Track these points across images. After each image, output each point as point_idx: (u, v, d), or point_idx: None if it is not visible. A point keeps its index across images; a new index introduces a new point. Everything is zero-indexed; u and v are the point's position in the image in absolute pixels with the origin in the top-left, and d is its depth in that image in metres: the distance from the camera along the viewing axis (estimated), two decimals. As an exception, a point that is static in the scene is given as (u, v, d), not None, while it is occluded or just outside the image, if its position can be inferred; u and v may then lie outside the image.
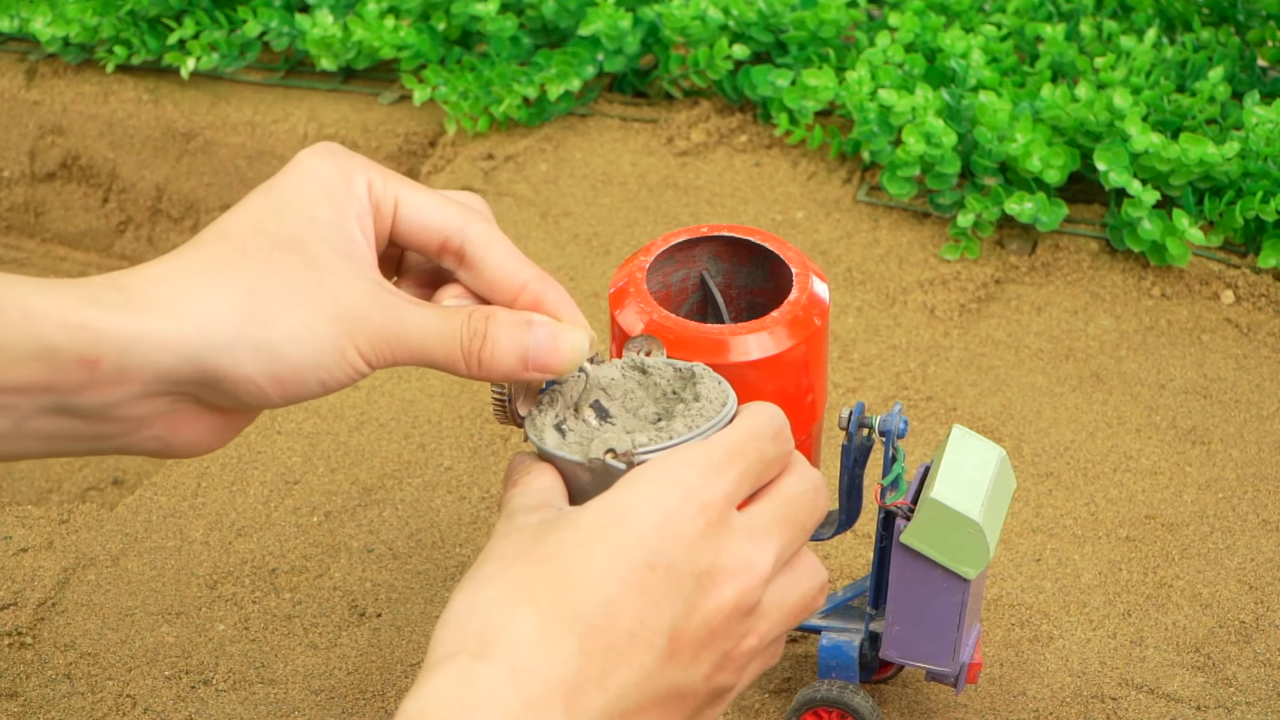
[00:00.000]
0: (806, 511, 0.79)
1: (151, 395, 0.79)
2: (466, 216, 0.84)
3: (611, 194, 1.51)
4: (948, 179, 1.43)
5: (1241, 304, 1.38)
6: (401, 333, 0.80)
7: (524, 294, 0.84)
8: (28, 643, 1.12)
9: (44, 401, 0.77)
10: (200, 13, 1.66)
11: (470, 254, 0.84)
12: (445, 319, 0.82)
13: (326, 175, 0.83)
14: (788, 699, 1.08)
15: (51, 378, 0.77)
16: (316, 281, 0.79)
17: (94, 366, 0.77)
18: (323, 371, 0.79)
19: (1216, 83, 1.46)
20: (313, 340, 0.79)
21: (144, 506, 1.22)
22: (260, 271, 0.79)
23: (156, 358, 0.77)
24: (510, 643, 0.72)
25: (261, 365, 0.78)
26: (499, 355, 0.82)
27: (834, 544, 1.18)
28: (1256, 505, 1.21)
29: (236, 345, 0.78)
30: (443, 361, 0.82)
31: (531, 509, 0.78)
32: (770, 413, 0.80)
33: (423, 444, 1.27)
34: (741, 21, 1.57)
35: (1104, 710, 1.07)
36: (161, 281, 0.78)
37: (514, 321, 0.82)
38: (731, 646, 0.77)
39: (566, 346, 0.83)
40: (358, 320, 0.79)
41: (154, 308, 0.77)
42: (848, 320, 1.37)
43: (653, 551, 0.74)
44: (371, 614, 1.13)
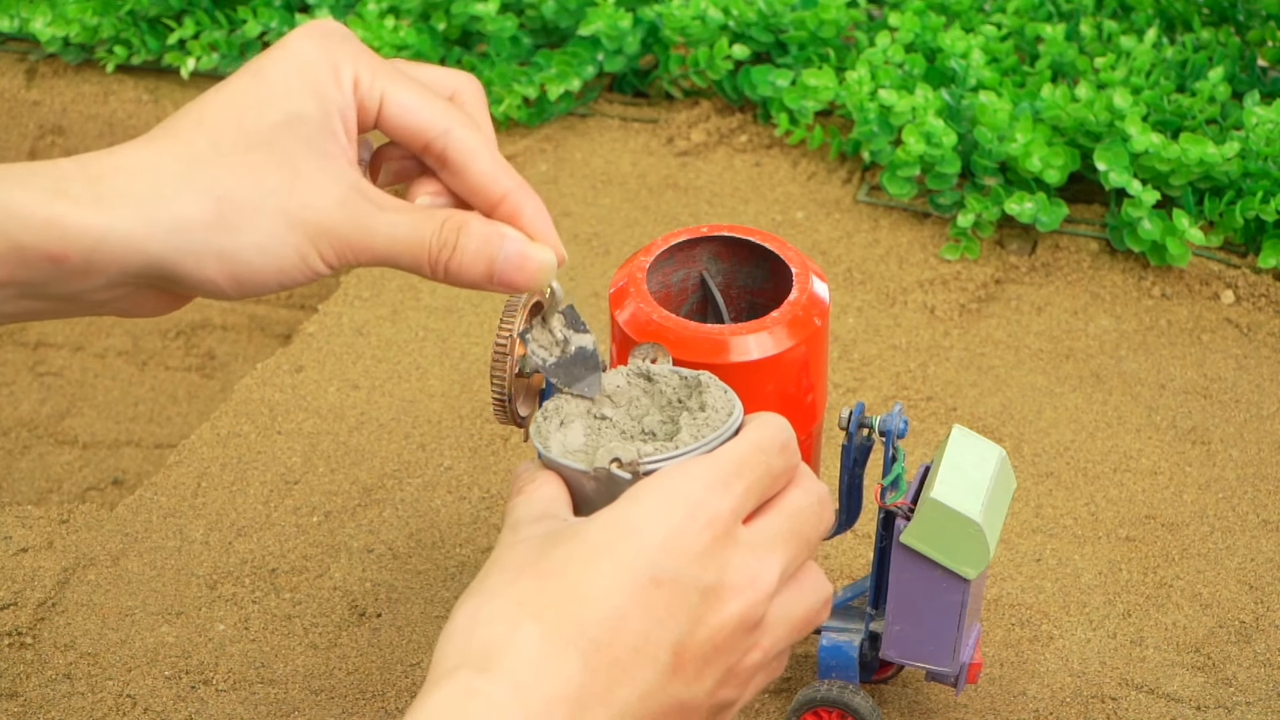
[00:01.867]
0: (812, 525, 0.79)
1: (115, 285, 0.80)
2: (451, 119, 0.84)
3: (611, 194, 1.51)
4: (948, 179, 1.43)
5: (1241, 304, 1.38)
6: (368, 240, 0.81)
7: (502, 204, 0.84)
8: (28, 643, 1.12)
9: (13, 292, 0.79)
10: (200, 13, 1.66)
11: (452, 159, 0.84)
12: (417, 225, 0.82)
13: (314, 64, 0.82)
14: (788, 699, 1.08)
15: (19, 273, 0.78)
16: (288, 188, 0.80)
17: (61, 261, 0.78)
18: (282, 275, 0.80)
19: (1216, 83, 1.46)
20: (277, 247, 0.79)
21: (144, 506, 1.22)
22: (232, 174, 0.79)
23: (122, 255, 0.78)
24: (514, 658, 0.71)
25: (224, 269, 0.80)
26: (466, 265, 0.82)
27: (834, 544, 1.18)
28: (1256, 505, 1.21)
29: (202, 250, 0.79)
30: (409, 265, 0.82)
31: (536, 519, 0.78)
32: (777, 424, 0.80)
33: (423, 444, 1.27)
34: (741, 21, 1.57)
35: (1104, 710, 1.07)
36: (132, 175, 0.79)
37: (485, 234, 0.82)
38: (736, 661, 0.77)
39: (534, 264, 0.83)
40: (325, 229, 0.80)
41: (122, 203, 0.78)
42: (848, 320, 1.37)
43: (658, 566, 0.74)
44: (371, 614, 1.13)
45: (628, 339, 0.93)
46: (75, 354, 1.57)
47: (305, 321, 1.40)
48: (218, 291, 0.80)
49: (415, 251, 0.81)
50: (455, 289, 1.40)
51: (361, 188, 0.81)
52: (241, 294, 0.81)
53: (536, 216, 0.84)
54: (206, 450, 1.26)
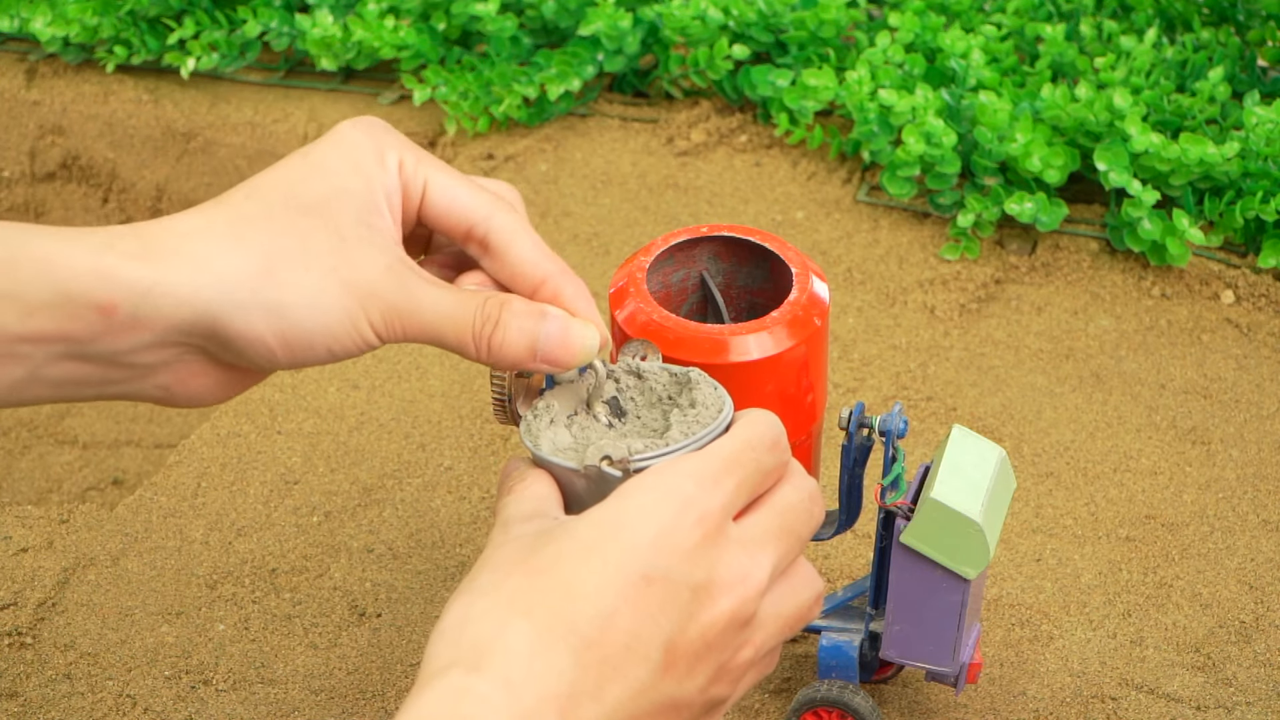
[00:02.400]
0: (803, 521, 0.79)
1: (163, 345, 0.80)
2: (494, 206, 0.85)
3: (611, 194, 1.51)
4: (948, 179, 1.43)
5: (1241, 304, 1.38)
6: (415, 309, 0.81)
7: (544, 287, 0.84)
8: (28, 643, 1.12)
9: (58, 349, 0.78)
10: (200, 13, 1.66)
11: (494, 243, 0.84)
12: (460, 301, 0.82)
13: (360, 147, 0.83)
14: (788, 699, 1.08)
15: (67, 326, 0.78)
16: (336, 250, 0.80)
17: (109, 313, 0.77)
18: (332, 339, 0.80)
19: (1216, 83, 1.46)
20: (325, 307, 0.79)
21: (144, 506, 1.22)
22: (281, 234, 0.80)
23: (171, 309, 0.78)
24: (505, 656, 0.72)
25: (272, 326, 0.79)
26: (509, 342, 0.82)
27: (834, 544, 1.18)
28: (1256, 505, 1.21)
29: (250, 304, 0.79)
30: (453, 342, 0.82)
31: (527, 517, 0.78)
32: (767, 421, 0.80)
33: (423, 444, 1.27)
34: (741, 21, 1.57)
35: (1104, 710, 1.07)
36: (182, 235, 0.79)
37: (528, 311, 0.83)
38: (727, 658, 0.77)
39: (577, 341, 0.83)
40: (373, 292, 0.80)
41: (171, 258, 0.78)
42: (848, 320, 1.37)
43: (649, 564, 0.74)
44: (371, 614, 1.13)
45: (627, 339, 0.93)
46: (75, 354, 1.56)
47: (305, 321, 1.40)
48: (268, 353, 0.80)
49: (460, 327, 0.82)
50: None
51: (407, 262, 0.82)
52: (292, 358, 0.80)
53: (578, 298, 0.84)
54: (206, 450, 1.26)
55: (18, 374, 0.79)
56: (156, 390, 0.82)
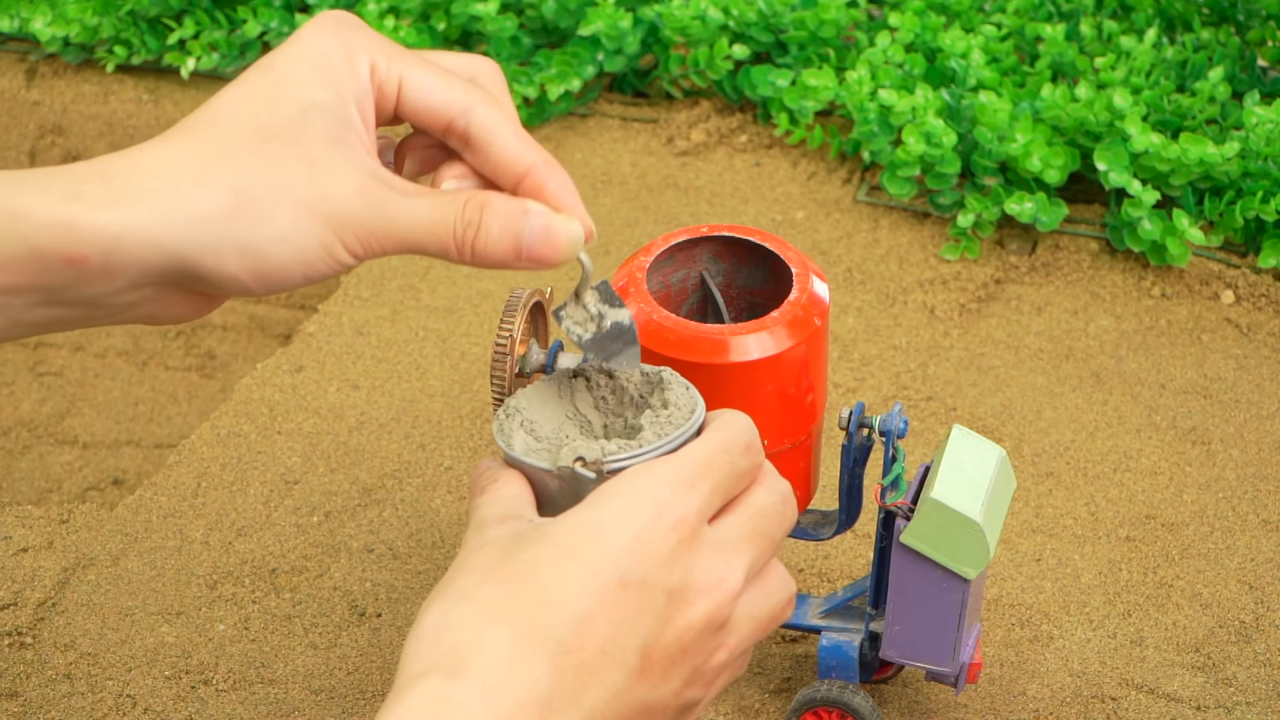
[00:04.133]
0: (776, 524, 0.79)
1: (138, 286, 0.79)
2: (472, 98, 0.82)
3: (611, 194, 1.51)
4: (948, 179, 1.43)
5: (1241, 304, 1.38)
6: (391, 226, 0.79)
7: (527, 179, 0.81)
8: (28, 643, 1.12)
9: (35, 298, 0.78)
10: (200, 13, 1.66)
11: (475, 137, 0.82)
12: (439, 207, 0.80)
13: (328, 53, 0.80)
14: (788, 699, 1.08)
15: (39, 278, 0.77)
16: (306, 178, 0.78)
17: (80, 264, 0.77)
18: (307, 267, 0.79)
19: (1216, 83, 1.46)
20: (298, 238, 0.78)
21: (144, 506, 1.22)
22: (249, 167, 0.78)
23: (141, 254, 0.77)
24: (483, 662, 0.71)
25: (245, 263, 0.78)
26: (492, 243, 0.80)
27: (834, 544, 1.18)
28: (1256, 505, 1.21)
29: (221, 243, 0.77)
30: (435, 250, 0.80)
31: (501, 519, 0.77)
32: (741, 424, 0.79)
33: (423, 444, 1.27)
34: (741, 21, 1.57)
35: (1104, 710, 1.07)
36: (148, 173, 0.78)
37: (509, 211, 0.80)
38: (702, 662, 0.77)
39: (562, 236, 0.81)
40: (346, 218, 0.78)
41: (139, 201, 0.77)
42: (848, 320, 1.37)
43: (625, 569, 0.74)
44: (371, 614, 1.13)
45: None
46: (75, 354, 1.57)
47: (305, 321, 1.40)
48: (242, 287, 0.79)
49: (440, 234, 0.79)
50: (454, 290, 1.40)
51: (381, 175, 0.80)
52: (267, 289, 0.79)
53: (562, 190, 0.82)
54: (206, 450, 1.26)
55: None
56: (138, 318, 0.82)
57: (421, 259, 1.43)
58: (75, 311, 0.80)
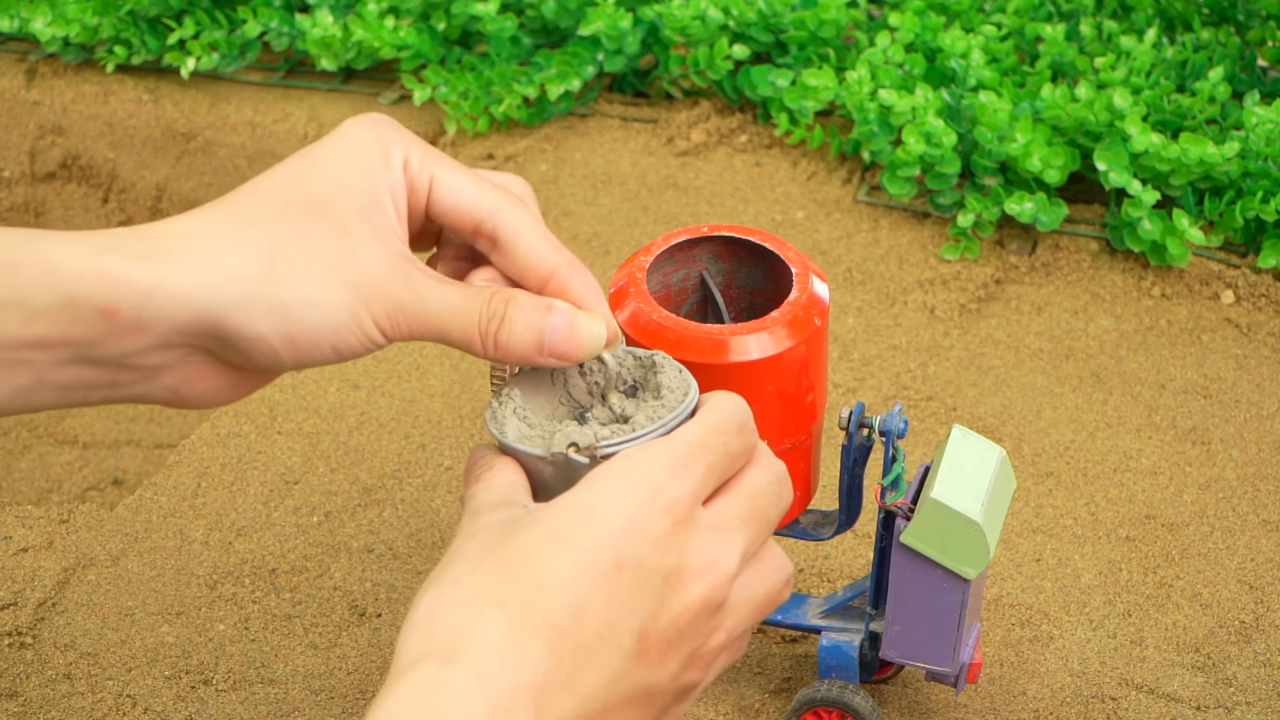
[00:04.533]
0: (771, 504, 0.79)
1: (167, 346, 0.79)
2: (501, 200, 0.84)
3: (611, 194, 1.51)
4: (948, 179, 1.43)
5: (1241, 304, 1.38)
6: (420, 307, 0.80)
7: (552, 280, 0.83)
8: (28, 643, 1.12)
9: (63, 354, 0.78)
10: (200, 13, 1.66)
11: (502, 239, 0.83)
12: (466, 297, 0.81)
13: (364, 145, 0.82)
14: (788, 699, 1.08)
15: (70, 330, 0.78)
16: (339, 247, 0.79)
17: (112, 316, 0.77)
18: (336, 338, 0.80)
19: (1216, 83, 1.46)
20: (329, 305, 0.79)
21: (144, 506, 1.22)
22: (283, 232, 0.79)
23: (172, 309, 0.78)
24: (478, 648, 0.71)
25: (275, 325, 0.79)
26: (515, 337, 0.81)
27: (834, 544, 1.18)
28: (1256, 505, 1.21)
29: (252, 304, 0.78)
30: (459, 339, 0.82)
31: (496, 506, 0.77)
32: (734, 405, 0.79)
33: (423, 444, 1.27)
34: (741, 21, 1.57)
35: (1104, 710, 1.07)
36: (183, 236, 0.79)
37: (533, 305, 0.82)
38: (699, 644, 0.77)
39: (584, 334, 0.82)
40: (376, 290, 0.80)
41: (173, 258, 0.78)
42: (848, 320, 1.37)
43: (620, 552, 0.74)
44: (371, 614, 1.14)
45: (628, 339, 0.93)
46: (75, 354, 1.56)
47: (305, 321, 1.39)
48: (271, 352, 0.79)
49: (465, 323, 0.81)
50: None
51: (412, 259, 0.81)
52: (297, 358, 0.80)
53: (586, 291, 0.83)
54: (206, 450, 1.26)
55: (23, 380, 0.79)
56: (164, 392, 0.82)
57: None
58: (102, 374, 0.80)
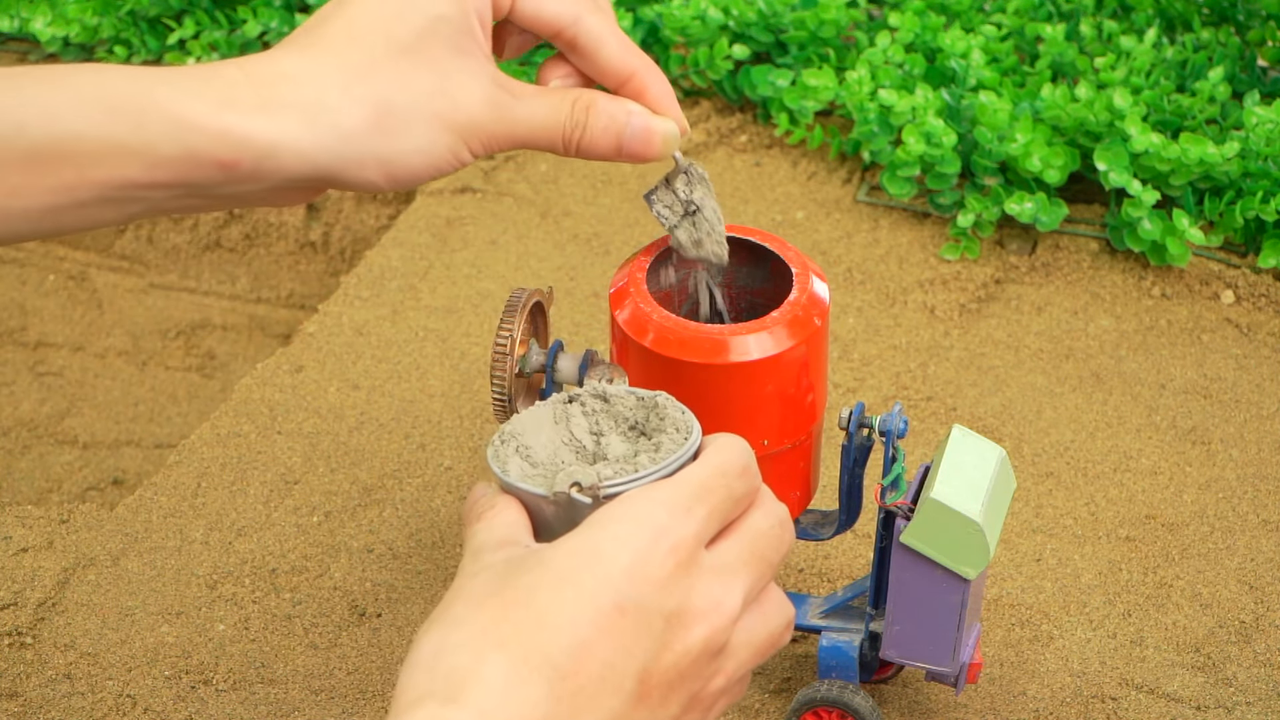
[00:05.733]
0: (773, 548, 0.79)
1: (280, 190, 0.86)
2: (580, 8, 0.90)
3: (611, 194, 1.51)
4: (948, 179, 1.43)
5: (1241, 304, 1.38)
6: (512, 129, 0.88)
7: (630, 82, 0.91)
8: (28, 643, 1.12)
9: (179, 192, 0.85)
10: (200, 13, 1.66)
11: (583, 44, 0.90)
12: (552, 108, 0.89)
13: None
14: (788, 699, 1.08)
15: (190, 175, 0.84)
16: (439, 92, 0.86)
17: (232, 168, 0.84)
18: (435, 169, 0.88)
19: (1216, 83, 1.46)
20: (432, 148, 0.87)
21: (144, 506, 1.22)
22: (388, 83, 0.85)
23: (290, 163, 0.84)
24: (480, 688, 0.71)
25: (384, 171, 0.86)
26: (596, 140, 0.89)
27: (834, 544, 1.18)
28: (1256, 505, 1.21)
29: (365, 156, 0.86)
30: (545, 145, 0.89)
31: (498, 545, 0.77)
32: (738, 448, 0.79)
33: (423, 444, 1.27)
34: (741, 21, 1.57)
35: (1104, 710, 1.07)
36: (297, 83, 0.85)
37: (612, 111, 0.89)
38: (700, 688, 0.76)
39: (658, 135, 0.90)
40: (474, 126, 0.87)
41: (289, 113, 0.84)
42: (848, 320, 1.37)
43: (622, 594, 0.73)
44: (371, 614, 1.14)
45: (628, 339, 0.93)
46: (75, 354, 1.57)
47: (305, 321, 1.40)
48: (374, 187, 0.87)
49: (551, 132, 0.89)
50: (454, 291, 1.40)
51: (500, 81, 0.88)
52: (395, 187, 0.88)
53: (662, 95, 0.90)
54: (206, 450, 1.26)
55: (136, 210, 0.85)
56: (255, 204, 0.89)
57: (421, 259, 1.43)
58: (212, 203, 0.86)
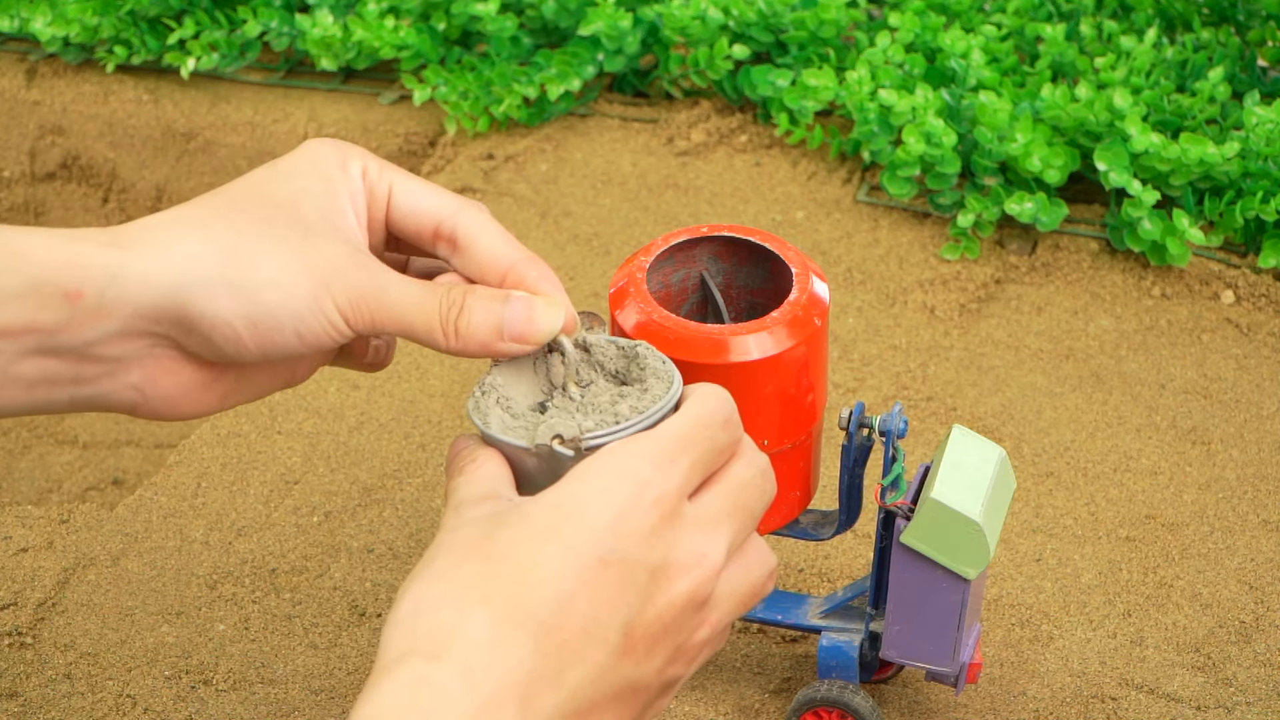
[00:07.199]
0: (755, 498, 0.79)
1: (130, 334, 0.81)
2: (459, 203, 0.86)
3: (611, 194, 1.51)
4: (948, 179, 1.43)
5: (1241, 304, 1.38)
6: (381, 295, 0.82)
7: (510, 274, 0.85)
8: (28, 643, 1.12)
9: (27, 344, 0.80)
10: (200, 13, 1.66)
11: (461, 238, 0.85)
12: (426, 289, 0.83)
13: (324, 157, 0.85)
14: (788, 699, 1.08)
15: (35, 316, 0.79)
16: (301, 238, 0.81)
17: (75, 300, 0.79)
18: (299, 321, 0.81)
19: (1216, 83, 1.46)
20: (290, 286, 0.81)
21: (144, 506, 1.22)
22: (246, 222, 0.81)
23: (136, 291, 0.80)
24: (464, 644, 0.71)
25: (238, 306, 0.80)
26: (475, 325, 0.83)
27: (834, 544, 1.18)
28: (1256, 505, 1.21)
29: (214, 283, 0.80)
30: (421, 330, 0.83)
31: (480, 499, 0.77)
32: (720, 398, 0.79)
33: (423, 444, 1.27)
34: (741, 21, 1.57)
35: (1104, 710, 1.07)
36: (149, 227, 0.82)
37: (491, 294, 0.84)
38: (684, 639, 0.77)
39: (541, 318, 0.84)
40: (337, 274, 0.81)
41: (137, 245, 0.80)
42: (848, 320, 1.37)
43: (606, 547, 0.74)
44: (371, 614, 1.14)
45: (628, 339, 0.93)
46: (75, 354, 1.56)
47: (305, 321, 1.40)
48: (235, 339, 0.81)
49: (427, 314, 0.83)
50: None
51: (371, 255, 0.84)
52: (260, 344, 0.81)
53: (542, 280, 0.85)
54: (206, 450, 1.27)
55: None
56: (129, 392, 0.83)
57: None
58: (66, 367, 0.81)
